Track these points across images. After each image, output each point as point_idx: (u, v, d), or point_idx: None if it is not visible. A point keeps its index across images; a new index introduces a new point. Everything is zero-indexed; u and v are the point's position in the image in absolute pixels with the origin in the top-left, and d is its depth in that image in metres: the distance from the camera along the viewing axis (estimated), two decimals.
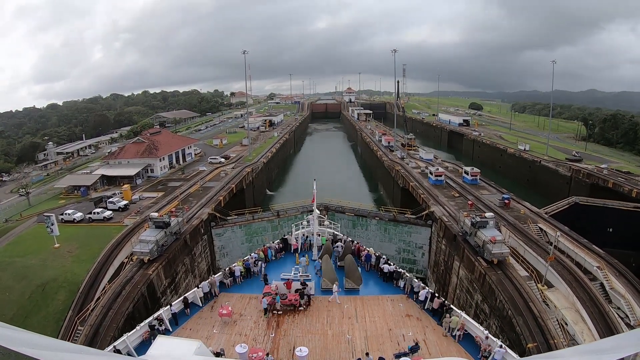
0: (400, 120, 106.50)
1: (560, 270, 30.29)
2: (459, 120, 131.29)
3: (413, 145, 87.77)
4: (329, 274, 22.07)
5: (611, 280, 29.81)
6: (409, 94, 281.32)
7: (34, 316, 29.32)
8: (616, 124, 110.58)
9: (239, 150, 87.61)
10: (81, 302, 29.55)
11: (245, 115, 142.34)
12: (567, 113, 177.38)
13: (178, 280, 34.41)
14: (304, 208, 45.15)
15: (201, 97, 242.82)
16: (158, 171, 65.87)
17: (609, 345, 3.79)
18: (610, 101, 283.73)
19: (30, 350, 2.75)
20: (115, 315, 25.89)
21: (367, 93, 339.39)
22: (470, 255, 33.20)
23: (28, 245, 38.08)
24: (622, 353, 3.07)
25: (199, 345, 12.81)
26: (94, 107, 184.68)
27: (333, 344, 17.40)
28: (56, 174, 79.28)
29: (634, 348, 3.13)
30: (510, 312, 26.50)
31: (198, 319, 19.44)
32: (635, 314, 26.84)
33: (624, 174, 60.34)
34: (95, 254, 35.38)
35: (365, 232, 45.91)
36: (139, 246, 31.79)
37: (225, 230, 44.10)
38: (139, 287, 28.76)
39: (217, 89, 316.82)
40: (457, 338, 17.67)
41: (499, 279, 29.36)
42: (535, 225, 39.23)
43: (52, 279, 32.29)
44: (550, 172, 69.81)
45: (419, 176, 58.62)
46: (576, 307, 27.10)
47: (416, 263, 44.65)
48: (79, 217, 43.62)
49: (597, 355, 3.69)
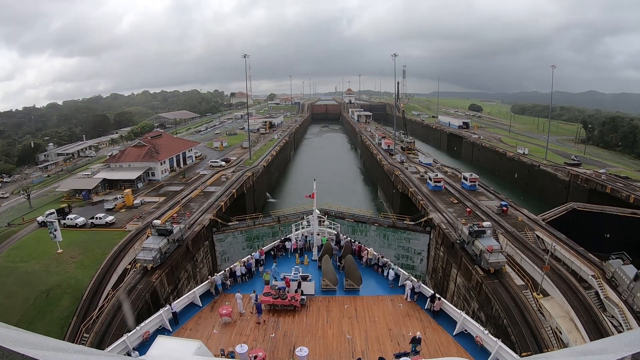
0: (400, 123, 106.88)
1: (555, 279, 30.81)
2: (458, 123, 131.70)
3: (413, 149, 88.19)
4: (329, 274, 22.22)
5: (606, 289, 30.29)
6: (409, 95, 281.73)
7: (38, 322, 29.72)
8: (615, 126, 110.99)
9: (240, 153, 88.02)
10: (85, 308, 30.04)
11: (245, 116, 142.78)
12: (567, 114, 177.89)
13: (180, 287, 34.90)
14: (304, 214, 45.51)
15: (201, 98, 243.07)
16: (159, 175, 66.25)
17: (608, 345, 3.76)
18: (610, 102, 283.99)
19: (31, 351, 2.75)
20: (120, 323, 26.36)
21: (367, 94, 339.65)
22: (467, 263, 33.72)
23: (31, 251, 38.36)
24: (621, 353, 3.12)
25: (199, 345, 12.74)
26: (94, 107, 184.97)
27: (333, 344, 17.42)
28: (57, 175, 79.62)
29: (633, 348, 3.14)
30: (506, 321, 27.02)
31: (198, 319, 19.45)
32: (628, 322, 27.35)
33: (622, 179, 60.87)
34: (99, 260, 35.81)
35: (365, 237, 46.34)
36: (142, 254, 32.25)
37: (226, 235, 44.60)
38: (142, 295, 29.24)
39: (217, 89, 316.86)
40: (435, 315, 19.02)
41: (495, 288, 29.88)
42: (532, 233, 39.73)
43: (56, 284, 32.67)
44: (549, 176, 70.28)
45: (418, 182, 59.08)
46: (570, 316, 27.61)
47: (415, 269, 45.11)
48: (82, 222, 44.02)
49: (597, 355, 3.69)
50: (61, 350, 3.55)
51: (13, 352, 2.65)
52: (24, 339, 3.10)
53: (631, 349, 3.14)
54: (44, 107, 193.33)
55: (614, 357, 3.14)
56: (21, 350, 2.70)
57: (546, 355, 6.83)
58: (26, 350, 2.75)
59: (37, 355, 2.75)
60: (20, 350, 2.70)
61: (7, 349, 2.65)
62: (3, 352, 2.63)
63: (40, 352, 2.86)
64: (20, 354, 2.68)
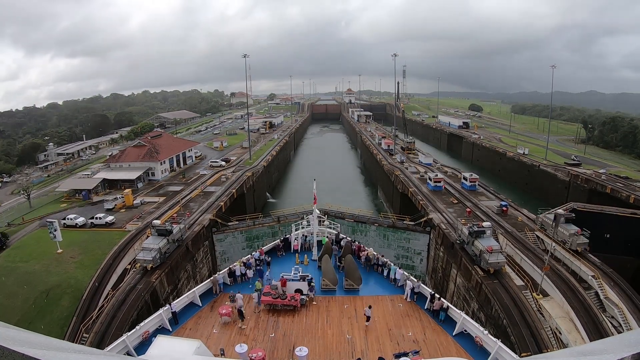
0: (400, 123, 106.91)
1: (555, 280, 30.82)
2: (458, 123, 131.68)
3: (413, 149, 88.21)
4: (329, 274, 22.22)
5: (605, 289, 30.30)
6: (409, 95, 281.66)
7: (38, 322, 29.74)
8: (615, 126, 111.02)
9: (239, 153, 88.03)
10: (85, 308, 30.05)
11: (245, 116, 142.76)
12: (567, 114, 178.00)
13: (180, 287, 34.90)
14: (304, 214, 45.53)
15: (201, 97, 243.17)
16: (159, 175, 66.27)
17: (608, 346, 3.76)
18: (610, 102, 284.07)
19: (31, 350, 2.74)
20: (119, 323, 26.37)
21: (367, 93, 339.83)
22: (467, 264, 33.72)
23: (31, 251, 38.39)
24: (621, 354, 3.11)
25: (198, 345, 12.72)
26: (94, 107, 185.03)
27: (333, 344, 17.41)
28: (57, 175, 79.68)
29: (633, 349, 3.14)
30: (506, 322, 27.02)
31: (198, 319, 19.41)
32: (628, 323, 27.36)
33: (622, 179, 60.87)
34: (98, 260, 35.82)
35: (365, 237, 46.32)
36: (142, 254, 32.25)
37: (226, 235, 44.61)
38: (142, 295, 29.25)
39: (217, 89, 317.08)
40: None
41: (495, 288, 29.88)
42: (532, 233, 39.75)
43: (56, 284, 32.68)
44: (549, 176, 70.29)
45: (418, 182, 59.08)
46: (570, 317, 27.62)
47: (415, 269, 45.11)
48: (81, 222, 44.03)
49: (597, 356, 3.67)
50: (61, 349, 3.52)
51: (13, 352, 2.64)
52: (24, 339, 3.09)
53: (631, 350, 3.14)
54: (44, 107, 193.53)
55: (614, 357, 3.13)
56: (21, 350, 2.69)
57: (546, 356, 6.82)
58: (26, 349, 2.74)
59: (37, 355, 2.74)
60: (20, 349, 2.69)
61: (7, 349, 2.63)
62: (3, 352, 2.62)
63: (40, 352, 2.84)
64: (20, 354, 2.66)
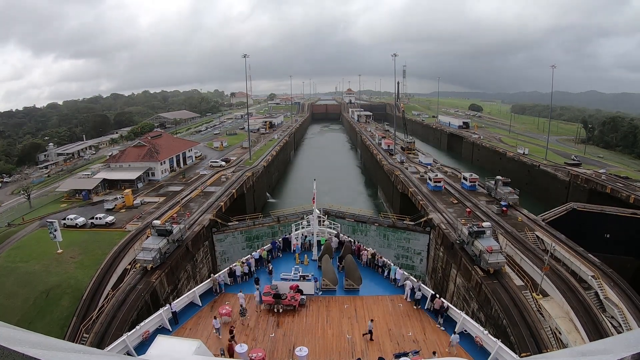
0: (400, 123, 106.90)
1: (555, 280, 30.82)
2: (458, 123, 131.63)
3: (413, 149, 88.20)
4: (329, 274, 22.24)
5: (605, 289, 30.29)
6: (409, 95, 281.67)
7: (38, 322, 29.77)
8: (615, 126, 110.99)
9: (240, 153, 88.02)
10: (85, 308, 30.05)
11: (245, 115, 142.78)
12: (567, 114, 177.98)
13: (180, 287, 34.91)
14: (304, 214, 45.55)
15: (201, 97, 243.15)
16: (159, 175, 66.26)
17: (607, 346, 3.76)
18: (610, 102, 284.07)
19: (31, 350, 2.73)
20: (119, 323, 26.38)
21: (367, 93, 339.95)
22: (467, 264, 33.73)
23: (31, 251, 38.40)
24: (621, 354, 3.11)
25: (198, 345, 12.76)
26: (94, 107, 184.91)
27: (333, 343, 17.46)
28: (57, 175, 79.68)
29: (633, 349, 3.13)
30: (505, 322, 27.03)
31: (198, 319, 19.44)
32: (628, 323, 27.36)
33: (622, 179, 60.88)
34: (98, 260, 35.83)
35: (365, 237, 46.34)
36: (142, 254, 32.26)
37: (226, 235, 44.62)
38: (142, 295, 29.26)
39: (217, 89, 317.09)
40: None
41: (495, 288, 29.88)
42: (532, 234, 39.74)
43: (56, 285, 32.69)
44: (549, 176, 70.27)
45: (418, 182, 59.08)
46: (570, 317, 27.62)
47: (414, 269, 45.12)
48: (82, 222, 44.03)
49: (597, 356, 3.67)
50: (61, 349, 3.51)
51: (13, 352, 2.63)
52: (24, 338, 3.08)
53: (631, 350, 3.12)
54: (44, 107, 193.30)
55: (614, 357, 3.12)
56: (21, 350, 2.68)
57: (546, 356, 6.82)
58: (26, 349, 2.73)
59: (37, 355, 2.73)
60: (20, 349, 2.68)
61: (7, 349, 2.62)
62: (3, 352, 2.60)
63: (40, 352, 2.84)
64: (20, 353, 2.66)
